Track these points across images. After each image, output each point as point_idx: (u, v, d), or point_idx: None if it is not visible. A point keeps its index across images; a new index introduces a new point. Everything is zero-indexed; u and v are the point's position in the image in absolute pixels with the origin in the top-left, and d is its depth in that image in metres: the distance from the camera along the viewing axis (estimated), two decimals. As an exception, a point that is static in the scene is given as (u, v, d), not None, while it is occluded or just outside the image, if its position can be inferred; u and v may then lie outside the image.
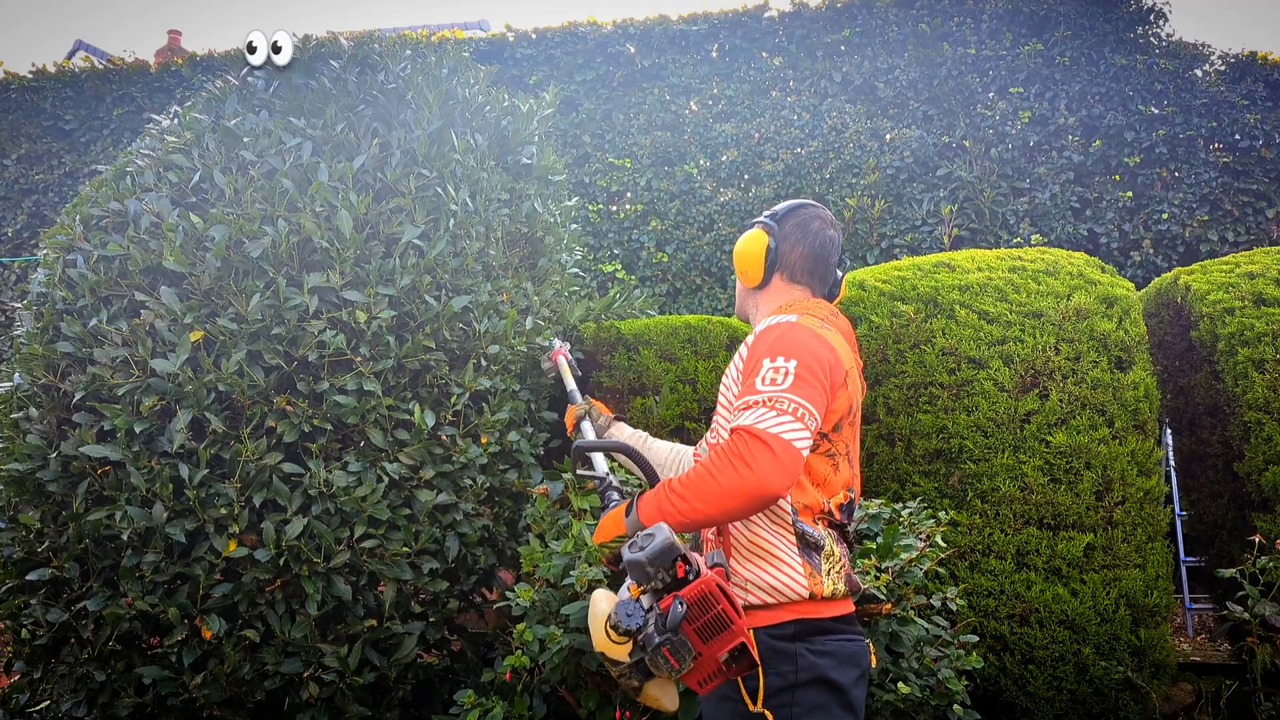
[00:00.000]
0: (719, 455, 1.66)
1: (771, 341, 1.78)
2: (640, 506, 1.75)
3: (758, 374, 1.74)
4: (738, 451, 1.64)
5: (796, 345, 1.77)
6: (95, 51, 17.05)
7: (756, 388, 1.72)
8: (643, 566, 1.54)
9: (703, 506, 1.66)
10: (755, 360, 1.78)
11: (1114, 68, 7.02)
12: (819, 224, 2.04)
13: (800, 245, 2.02)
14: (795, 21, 7.65)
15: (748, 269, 2.04)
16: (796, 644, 1.76)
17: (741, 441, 1.64)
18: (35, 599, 2.84)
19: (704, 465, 1.68)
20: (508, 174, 3.51)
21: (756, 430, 1.64)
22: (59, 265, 2.92)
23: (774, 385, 1.72)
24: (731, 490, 1.63)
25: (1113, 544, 3.36)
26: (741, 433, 1.65)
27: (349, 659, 2.75)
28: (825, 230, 2.04)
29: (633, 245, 7.43)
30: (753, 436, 1.64)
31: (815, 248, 2.02)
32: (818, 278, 2.04)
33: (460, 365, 3.13)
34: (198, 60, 8.55)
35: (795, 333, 1.80)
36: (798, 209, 2.05)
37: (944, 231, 6.83)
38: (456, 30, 9.37)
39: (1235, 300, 3.76)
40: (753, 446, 1.63)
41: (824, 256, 2.03)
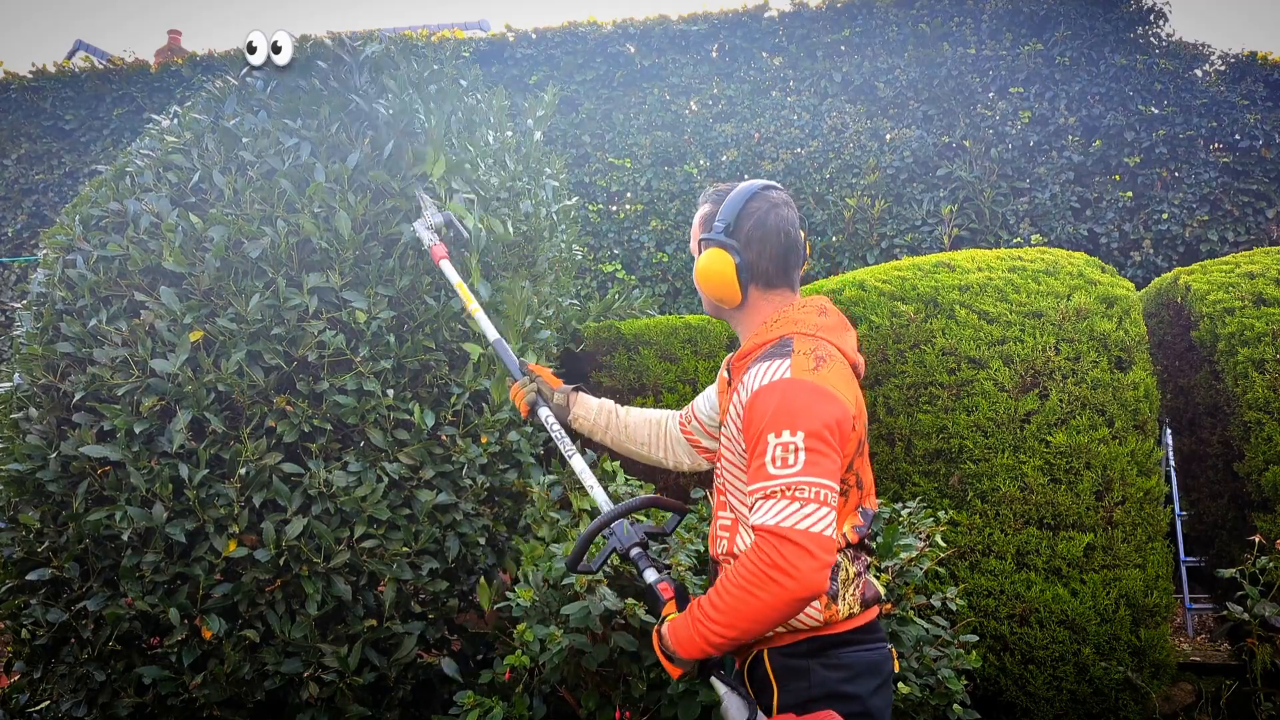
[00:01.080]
0: (753, 569, 1.58)
1: (773, 412, 1.66)
2: (675, 639, 1.68)
3: (765, 453, 1.64)
4: (772, 561, 1.57)
5: (799, 413, 1.65)
6: (95, 51, 17.06)
7: (769, 471, 1.63)
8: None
9: (747, 626, 1.61)
10: (758, 433, 1.67)
11: (1114, 68, 7.02)
12: (774, 214, 1.85)
13: (766, 247, 1.84)
14: (795, 21, 7.65)
15: (722, 296, 1.87)
16: (810, 660, 1.73)
17: (773, 548, 1.57)
18: (35, 599, 2.84)
19: (739, 582, 1.60)
20: (507, 174, 3.51)
21: (784, 531, 1.57)
22: (59, 265, 2.92)
23: (787, 468, 1.62)
24: (776, 604, 1.57)
25: (1113, 544, 3.36)
26: (770, 537, 1.58)
27: (349, 659, 2.75)
28: (781, 212, 1.86)
29: (633, 245, 7.43)
30: (783, 539, 1.57)
31: (782, 242, 1.85)
32: (792, 268, 1.89)
33: (460, 365, 3.13)
34: (198, 60, 8.55)
35: (796, 397, 1.66)
36: (747, 204, 1.85)
37: (944, 231, 6.83)
38: (456, 30, 9.36)
39: (1235, 300, 3.76)
40: (787, 551, 1.56)
41: (792, 245, 1.87)
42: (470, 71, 3.76)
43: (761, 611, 1.58)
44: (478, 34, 8.73)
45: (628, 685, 2.52)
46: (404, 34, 8.08)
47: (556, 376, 2.30)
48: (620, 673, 2.55)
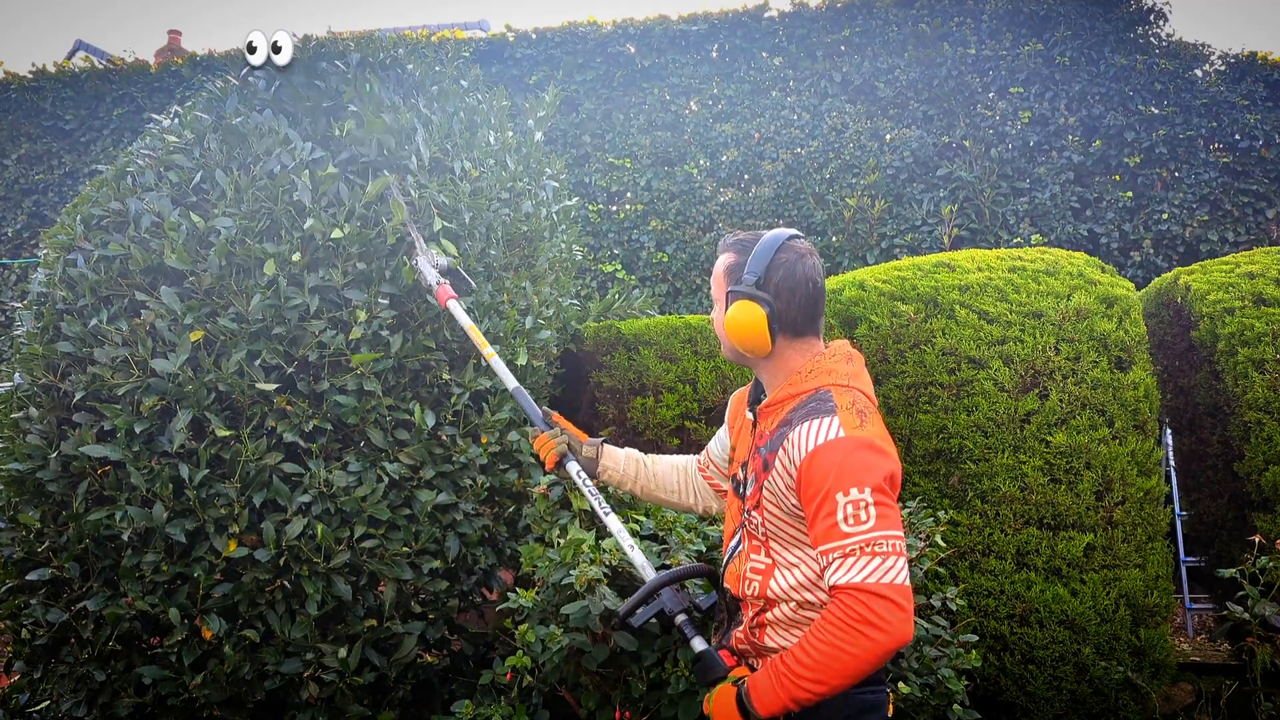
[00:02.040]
0: (841, 625, 1.62)
1: (837, 472, 1.69)
2: (757, 697, 1.70)
3: (836, 512, 1.67)
4: (863, 617, 1.61)
5: (863, 470, 1.69)
6: (95, 51, 17.06)
7: (844, 530, 1.66)
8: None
9: (838, 682, 1.64)
10: (822, 493, 1.69)
11: (1114, 68, 7.02)
12: (802, 264, 1.86)
13: (795, 297, 1.85)
14: (795, 21, 7.65)
15: (753, 347, 1.87)
16: None
17: (862, 605, 1.61)
18: (35, 599, 2.84)
19: (829, 639, 1.63)
20: (506, 173, 3.51)
21: (871, 587, 1.62)
22: (59, 265, 2.92)
23: (861, 525, 1.66)
24: (868, 658, 1.61)
25: (1113, 544, 3.36)
26: (856, 594, 1.62)
27: (349, 659, 2.75)
28: (809, 262, 1.88)
29: (633, 245, 7.44)
30: (873, 595, 1.61)
31: (809, 292, 1.87)
32: (819, 317, 1.91)
33: (460, 365, 3.13)
34: (198, 60, 8.55)
35: (857, 455, 1.70)
36: (776, 256, 1.85)
37: (944, 231, 6.83)
38: (456, 30, 9.37)
39: (1235, 300, 3.76)
40: (877, 607, 1.61)
41: (819, 294, 1.89)
42: (470, 71, 3.76)
43: (853, 665, 1.62)
44: (478, 34, 8.73)
45: (628, 685, 2.52)
46: (404, 34, 8.08)
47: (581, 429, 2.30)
48: (620, 673, 2.55)
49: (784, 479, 1.79)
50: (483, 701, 2.68)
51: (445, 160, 3.26)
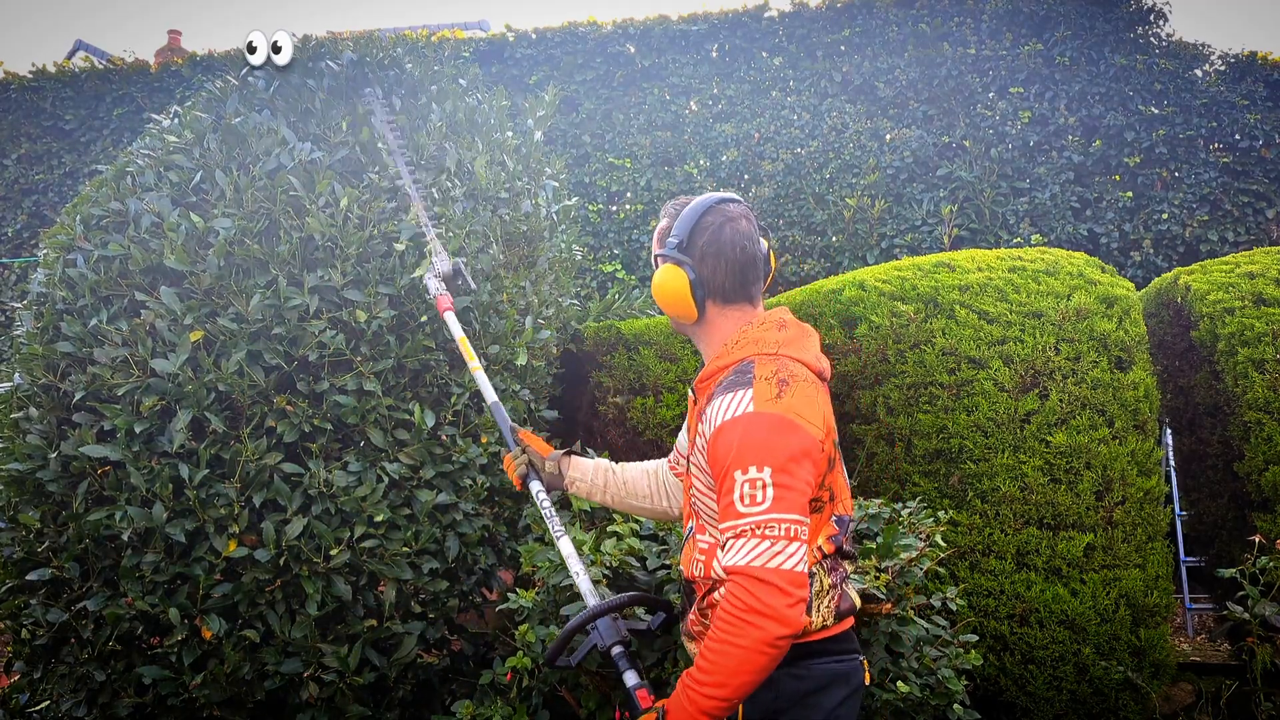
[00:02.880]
0: (730, 617, 1.57)
1: (737, 448, 1.63)
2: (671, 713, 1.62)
3: (734, 490, 1.62)
4: (746, 605, 1.56)
5: (764, 448, 1.62)
6: (95, 51, 17.06)
7: (739, 510, 1.61)
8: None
9: (737, 682, 1.57)
10: (725, 469, 1.65)
11: (1114, 68, 7.02)
12: (729, 228, 1.81)
13: (721, 262, 1.80)
14: (795, 21, 7.65)
15: (678, 313, 1.85)
16: (778, 670, 1.67)
17: (745, 591, 1.56)
18: (35, 599, 2.84)
19: (716, 635, 1.58)
20: (506, 173, 3.51)
21: (755, 571, 1.56)
22: (59, 265, 2.92)
23: (755, 505, 1.60)
24: (758, 647, 1.55)
25: (1113, 544, 3.36)
26: (741, 579, 1.57)
27: (349, 659, 2.75)
28: (738, 225, 1.82)
29: (633, 245, 7.43)
30: (755, 580, 1.56)
31: (738, 257, 1.81)
32: (751, 284, 1.84)
33: (460, 365, 3.13)
34: (198, 60, 8.55)
35: (759, 431, 1.63)
36: (701, 219, 1.82)
37: (944, 231, 6.83)
38: (456, 30, 9.37)
39: (1235, 300, 3.76)
40: (760, 592, 1.55)
41: (749, 260, 1.82)
42: (470, 71, 3.76)
43: (746, 659, 1.55)
44: (478, 34, 8.73)
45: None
46: (404, 34, 8.08)
47: (548, 443, 2.25)
48: (620, 673, 2.55)
49: (701, 455, 1.75)
50: (483, 701, 2.68)
51: (444, 160, 3.26)
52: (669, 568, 2.57)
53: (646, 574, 2.60)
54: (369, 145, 3.12)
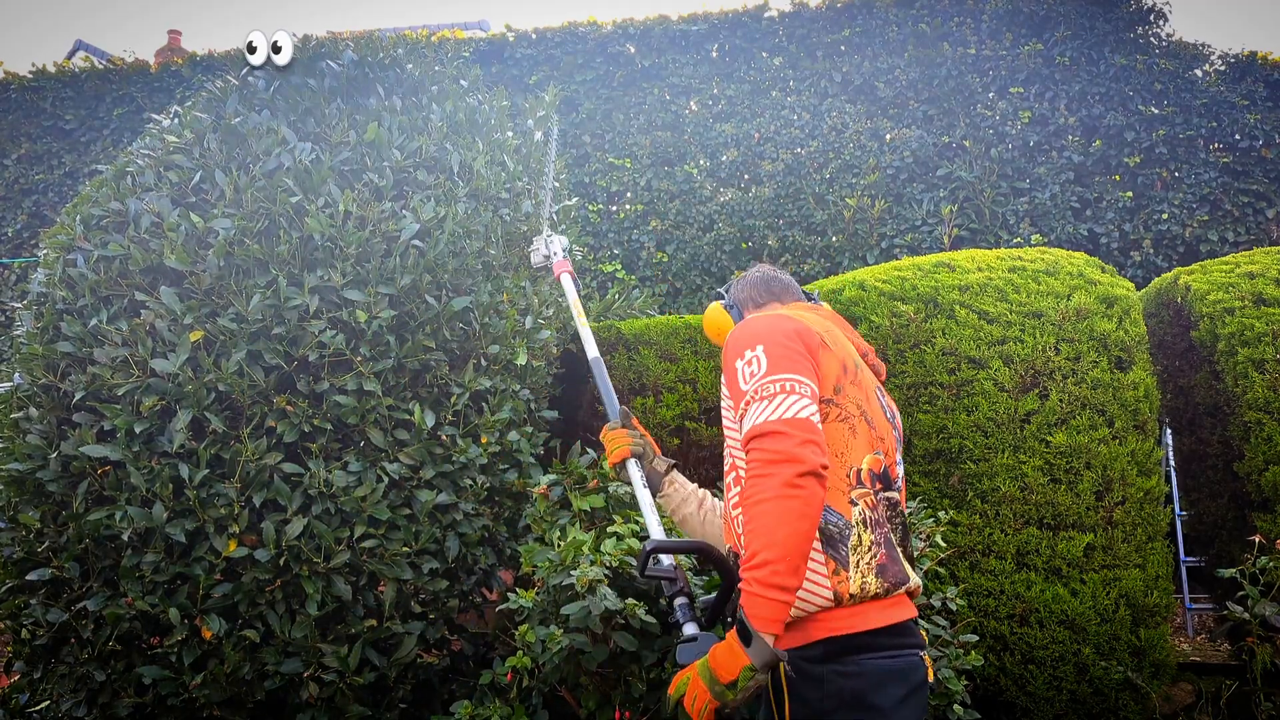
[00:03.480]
0: (750, 480, 1.57)
1: (733, 346, 1.76)
2: (752, 619, 1.52)
3: (736, 376, 1.71)
4: (759, 460, 1.57)
5: (754, 334, 1.74)
6: (95, 51, 17.06)
7: (741, 388, 1.68)
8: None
9: (782, 539, 1.51)
10: (730, 369, 1.75)
11: (1114, 68, 7.02)
12: (755, 271, 2.16)
13: (746, 288, 2.12)
14: (795, 21, 7.65)
15: (721, 329, 2.11)
16: (825, 666, 1.62)
17: (755, 450, 1.59)
18: (35, 599, 2.84)
19: (748, 500, 1.57)
20: (506, 173, 3.51)
21: (758, 429, 1.60)
22: (59, 265, 2.92)
23: (754, 377, 1.67)
24: (781, 494, 1.52)
25: (1113, 544, 3.36)
26: (751, 438, 1.61)
27: (349, 659, 2.75)
28: (762, 270, 2.15)
29: (633, 245, 7.43)
30: (759, 436, 1.59)
31: (757, 279, 2.12)
32: (778, 294, 2.08)
33: (460, 365, 3.13)
34: (198, 60, 8.55)
35: (749, 326, 1.78)
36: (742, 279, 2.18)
37: (944, 231, 6.83)
38: (456, 30, 9.37)
39: (1235, 300, 3.76)
40: (766, 444, 1.57)
41: (768, 278, 2.11)
42: (470, 72, 3.76)
43: (777, 511, 1.51)
44: (478, 34, 8.73)
45: (628, 685, 2.52)
46: (404, 34, 8.08)
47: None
48: (620, 673, 2.55)
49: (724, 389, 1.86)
50: (482, 701, 2.68)
51: (444, 159, 3.26)
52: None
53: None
54: (369, 145, 3.12)
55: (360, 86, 3.36)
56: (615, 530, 2.68)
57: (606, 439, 2.18)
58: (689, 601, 1.82)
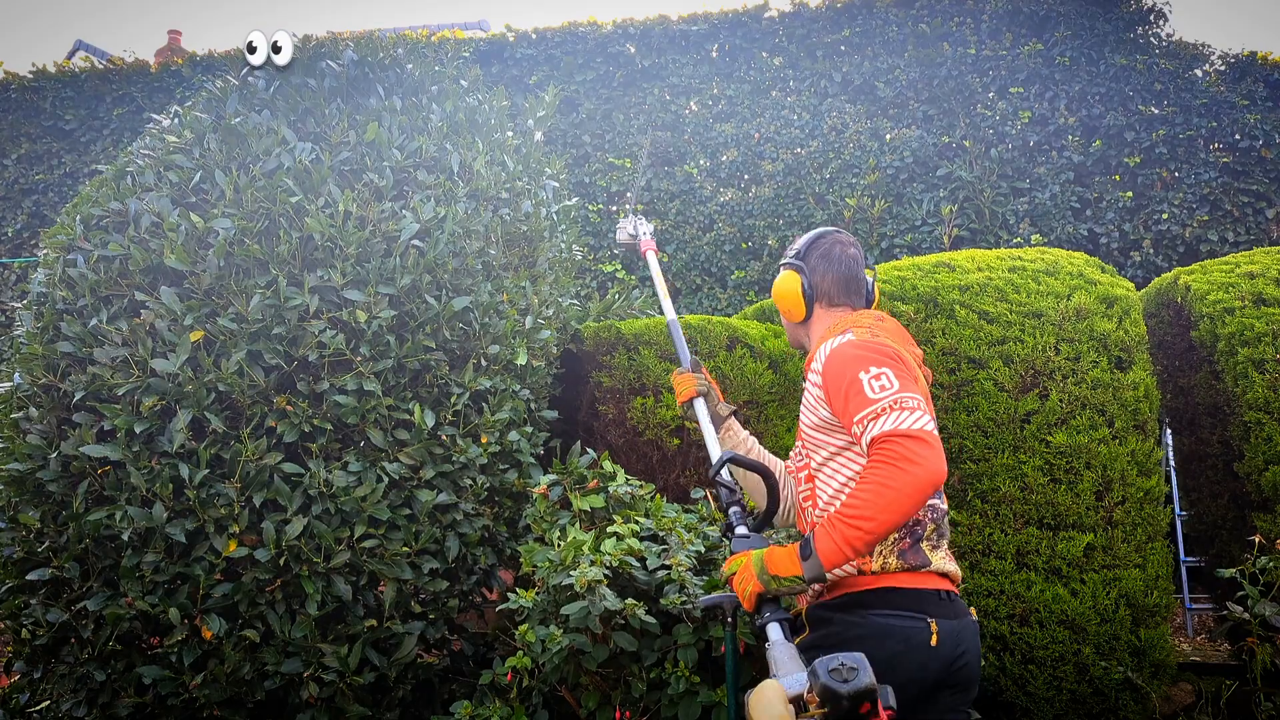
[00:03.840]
0: (883, 465, 1.77)
1: (850, 360, 1.94)
2: (818, 548, 1.80)
3: (862, 388, 1.88)
4: (901, 455, 1.77)
5: (874, 354, 1.95)
6: (95, 51, 17.05)
7: (871, 397, 1.86)
8: (841, 699, 1.55)
9: (886, 519, 1.75)
10: (847, 380, 1.92)
11: (1114, 68, 7.02)
12: (839, 248, 2.23)
13: (829, 273, 2.21)
14: (795, 21, 7.65)
15: (791, 308, 2.24)
16: (835, 613, 1.92)
17: (899, 445, 1.78)
18: (35, 599, 2.84)
19: (871, 480, 1.78)
20: (506, 173, 3.51)
21: (903, 431, 1.79)
22: (59, 265, 2.92)
23: (885, 391, 1.87)
24: (909, 490, 1.75)
25: (1113, 544, 3.36)
26: (891, 438, 1.79)
27: (349, 659, 2.75)
28: (847, 251, 2.23)
29: (633, 245, 7.43)
30: (905, 437, 1.79)
31: (843, 270, 2.22)
32: (853, 294, 2.23)
33: (460, 365, 3.13)
34: (198, 60, 8.55)
35: (868, 346, 1.97)
36: (817, 240, 2.25)
37: (944, 231, 6.83)
38: (456, 30, 9.37)
39: (1235, 300, 3.76)
40: (910, 445, 1.78)
41: (853, 275, 2.22)
42: (470, 72, 3.76)
43: (898, 500, 1.75)
44: (478, 34, 8.73)
45: (628, 685, 2.52)
46: (404, 34, 8.08)
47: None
48: (620, 673, 2.55)
49: (814, 393, 2.05)
50: (482, 701, 2.68)
51: (444, 159, 3.26)
52: (669, 568, 2.57)
53: (646, 574, 2.60)
54: (369, 145, 3.12)
55: (360, 86, 3.37)
56: (615, 530, 2.68)
57: (676, 381, 2.45)
58: (741, 509, 2.10)
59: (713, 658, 2.51)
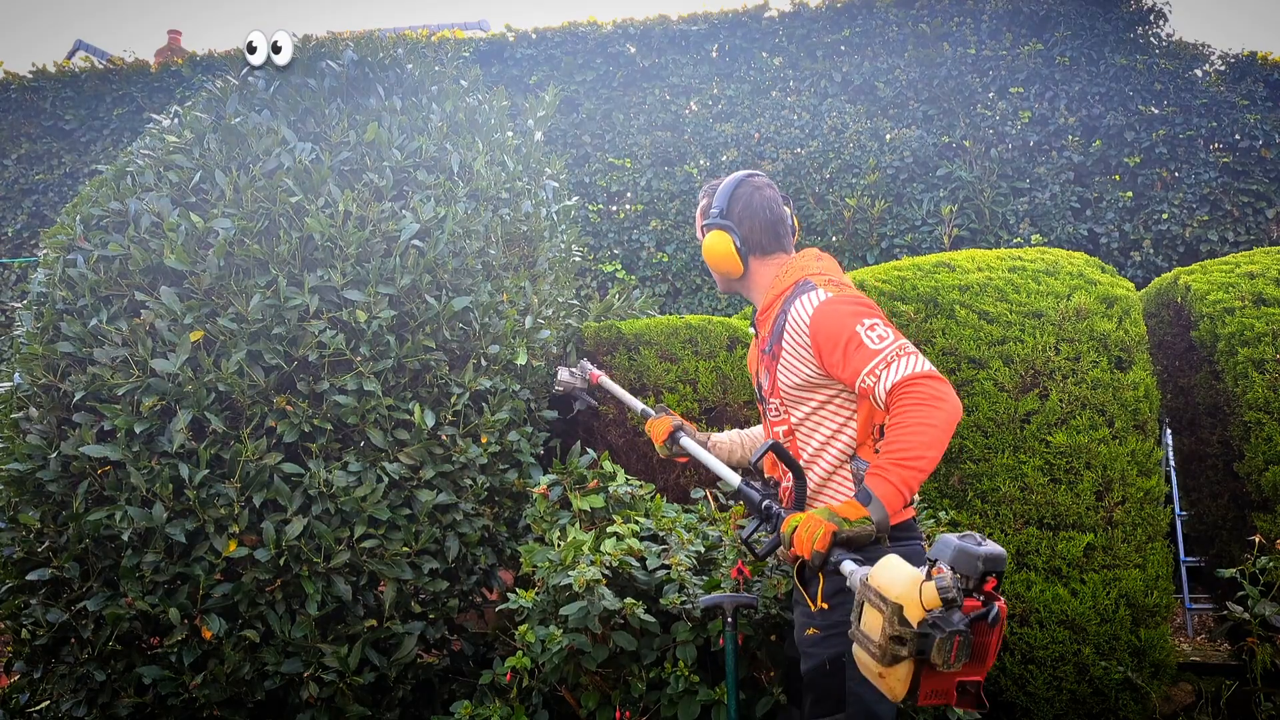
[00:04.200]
0: (916, 408, 1.88)
1: (843, 318, 2.03)
2: (877, 492, 1.89)
3: (861, 340, 1.98)
4: (928, 395, 1.89)
5: (860, 305, 2.05)
6: (95, 51, 17.05)
7: (874, 349, 1.96)
8: (975, 562, 1.62)
9: (934, 454, 1.87)
10: (844, 337, 2.01)
11: (1114, 68, 7.02)
12: (757, 194, 2.27)
13: (755, 223, 2.26)
14: (795, 21, 7.64)
15: (728, 269, 2.29)
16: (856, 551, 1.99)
17: (922, 385, 1.90)
18: (35, 599, 2.84)
19: (912, 424, 1.88)
20: (506, 173, 3.51)
21: (921, 374, 1.91)
22: (59, 265, 2.92)
23: (885, 340, 1.97)
24: (946, 426, 1.88)
25: (1113, 544, 3.36)
26: (913, 382, 1.91)
27: (349, 659, 2.75)
28: (765, 194, 2.27)
29: (633, 245, 7.43)
30: (925, 378, 1.91)
31: (768, 216, 2.27)
32: (783, 237, 2.29)
33: (460, 365, 3.13)
34: (198, 60, 8.54)
35: (854, 302, 2.07)
36: (735, 189, 2.28)
37: (944, 231, 6.83)
38: (456, 30, 9.37)
39: (1235, 300, 3.76)
40: (934, 385, 1.90)
41: (778, 218, 2.28)
42: (470, 72, 3.76)
43: (939, 436, 1.87)
44: (478, 34, 8.73)
45: (628, 685, 2.53)
46: (404, 34, 8.08)
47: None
48: (620, 673, 2.56)
49: (797, 353, 2.11)
50: (482, 701, 2.68)
51: (444, 159, 3.26)
52: (668, 568, 2.57)
53: (646, 574, 2.60)
54: (369, 145, 3.12)
55: (360, 86, 3.37)
56: (615, 530, 2.69)
57: (650, 430, 2.65)
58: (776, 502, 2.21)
59: (711, 654, 2.51)
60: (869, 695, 1.97)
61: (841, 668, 2.02)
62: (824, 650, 2.06)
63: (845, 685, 2.02)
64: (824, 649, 2.06)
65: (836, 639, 2.01)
